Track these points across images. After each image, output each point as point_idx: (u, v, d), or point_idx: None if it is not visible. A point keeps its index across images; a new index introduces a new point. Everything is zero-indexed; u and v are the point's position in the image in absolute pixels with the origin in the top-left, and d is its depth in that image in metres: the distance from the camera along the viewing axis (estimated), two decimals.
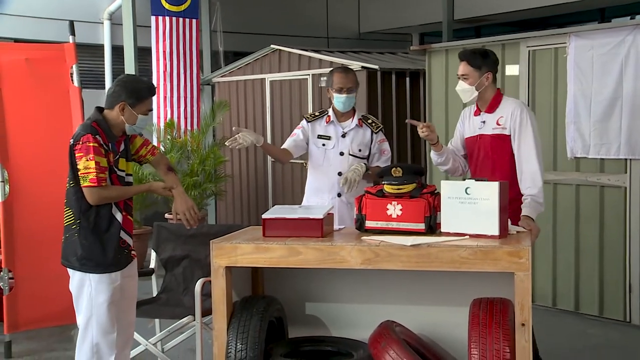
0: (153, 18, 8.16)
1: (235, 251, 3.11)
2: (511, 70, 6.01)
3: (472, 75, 3.78)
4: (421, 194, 3.21)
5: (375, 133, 4.25)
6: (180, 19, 8.25)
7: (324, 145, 4.26)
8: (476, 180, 3.13)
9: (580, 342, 5.11)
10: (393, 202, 3.20)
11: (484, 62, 3.78)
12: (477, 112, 3.89)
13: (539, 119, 5.83)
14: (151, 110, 3.52)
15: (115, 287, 3.39)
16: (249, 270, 3.48)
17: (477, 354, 2.80)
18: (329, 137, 4.26)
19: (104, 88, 9.53)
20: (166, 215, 7.67)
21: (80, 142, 3.29)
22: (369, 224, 3.24)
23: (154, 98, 3.59)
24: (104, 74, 9.70)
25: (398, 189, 3.23)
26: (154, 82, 8.35)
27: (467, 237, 3.05)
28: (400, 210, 3.19)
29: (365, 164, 4.12)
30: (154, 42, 8.20)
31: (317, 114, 4.36)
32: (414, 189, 3.22)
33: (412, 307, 3.38)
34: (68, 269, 3.45)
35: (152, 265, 4.46)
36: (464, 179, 3.17)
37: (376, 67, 7.38)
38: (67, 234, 3.41)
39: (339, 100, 4.18)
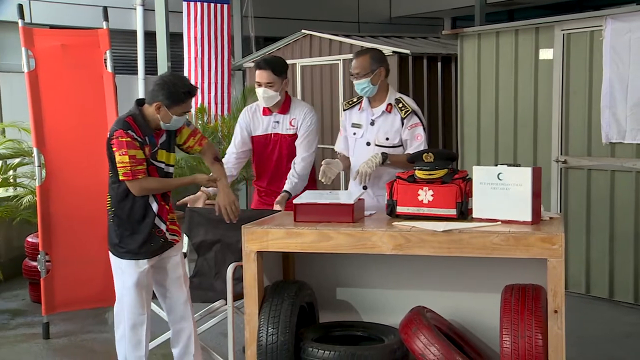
0: (185, 4, 8.20)
1: (266, 236, 3.13)
2: (545, 54, 5.92)
3: (276, 82, 4.11)
4: (453, 179, 3.19)
5: (405, 118, 3.91)
6: (212, 5, 8.27)
7: (354, 134, 4.03)
8: (508, 165, 3.10)
9: (615, 329, 5.05)
10: (424, 188, 3.19)
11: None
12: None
13: (573, 104, 5.77)
14: (188, 111, 3.55)
15: (142, 273, 3.53)
16: (280, 255, 3.50)
17: (509, 340, 2.79)
18: (360, 125, 4.01)
19: (136, 74, 9.61)
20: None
21: (114, 138, 3.42)
22: (400, 209, 3.23)
23: None
24: (136, 60, 9.79)
25: (429, 175, 3.21)
26: (186, 67, 8.40)
27: (499, 223, 3.03)
28: (432, 195, 3.17)
29: (384, 153, 3.83)
30: (186, 27, 8.24)
31: (354, 100, 4.08)
32: (446, 174, 3.20)
33: (443, 293, 3.37)
34: (109, 253, 3.63)
35: (185, 249, 4.51)
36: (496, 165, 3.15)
37: (408, 51, 7.31)
38: (108, 220, 3.58)
39: (355, 85, 3.93)
